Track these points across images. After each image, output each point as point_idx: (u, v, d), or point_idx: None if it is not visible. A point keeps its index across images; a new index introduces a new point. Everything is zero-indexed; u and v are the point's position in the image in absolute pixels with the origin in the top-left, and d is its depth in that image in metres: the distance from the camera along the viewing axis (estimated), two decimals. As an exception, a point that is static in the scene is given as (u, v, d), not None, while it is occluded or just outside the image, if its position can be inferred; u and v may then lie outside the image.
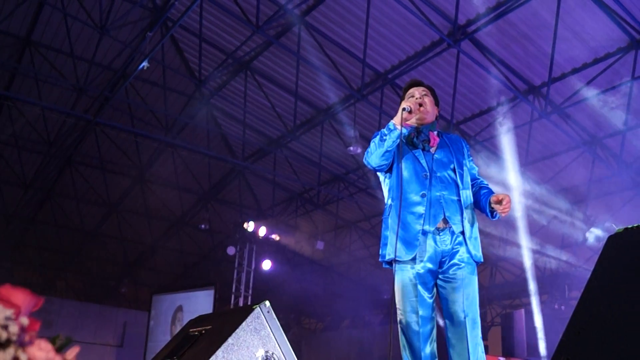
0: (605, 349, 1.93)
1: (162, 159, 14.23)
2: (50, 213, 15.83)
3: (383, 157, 3.47)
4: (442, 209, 3.38)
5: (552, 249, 12.98)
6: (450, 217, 3.38)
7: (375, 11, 9.06)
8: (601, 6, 7.87)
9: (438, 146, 3.55)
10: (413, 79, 3.84)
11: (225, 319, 3.53)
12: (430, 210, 3.38)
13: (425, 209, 3.37)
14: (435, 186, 3.41)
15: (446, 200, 3.40)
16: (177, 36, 11.35)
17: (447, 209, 3.38)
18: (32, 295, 1.26)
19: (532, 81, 9.59)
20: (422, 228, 3.35)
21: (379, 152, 3.46)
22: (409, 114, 3.45)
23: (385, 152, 3.45)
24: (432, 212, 3.37)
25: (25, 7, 10.13)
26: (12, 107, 11.92)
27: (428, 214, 3.37)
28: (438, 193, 3.40)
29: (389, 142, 3.42)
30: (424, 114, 3.58)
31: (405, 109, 3.42)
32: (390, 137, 3.42)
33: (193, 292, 15.42)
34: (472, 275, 3.36)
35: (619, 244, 2.29)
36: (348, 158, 12.40)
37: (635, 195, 11.04)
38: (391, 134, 3.42)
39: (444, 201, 3.39)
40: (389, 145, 3.43)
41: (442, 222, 3.37)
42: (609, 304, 2.09)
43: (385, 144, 3.43)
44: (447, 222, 3.36)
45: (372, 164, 3.53)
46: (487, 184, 3.63)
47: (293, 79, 10.90)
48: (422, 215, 3.36)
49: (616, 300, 2.08)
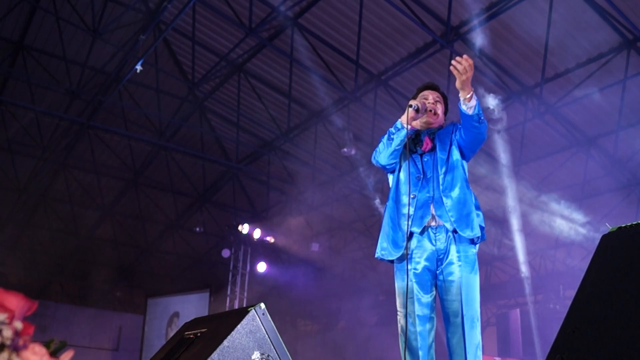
0: (600, 348, 1.93)
1: (156, 162, 14.21)
2: (44, 217, 15.78)
3: (391, 156, 3.51)
4: (428, 209, 3.40)
5: (547, 249, 13.01)
6: (440, 215, 3.39)
7: (368, 13, 9.08)
8: (594, 6, 7.90)
9: (431, 148, 3.57)
10: (430, 82, 3.85)
11: (221, 321, 3.53)
12: (418, 211, 3.41)
13: (414, 209, 3.40)
14: (426, 187, 3.44)
15: (436, 199, 3.41)
16: (170, 39, 11.34)
17: (436, 207, 3.40)
18: (26, 299, 1.26)
19: (525, 82, 9.61)
20: (411, 229, 3.39)
21: (387, 151, 3.50)
22: (416, 113, 3.45)
23: (394, 151, 3.48)
24: (419, 214, 3.41)
25: (17, 11, 10.11)
26: (5, 112, 11.88)
27: (415, 215, 3.40)
28: (428, 194, 3.42)
29: (397, 140, 3.45)
30: (432, 119, 3.60)
31: (412, 106, 3.42)
32: (398, 136, 3.44)
33: (188, 295, 15.40)
34: (470, 274, 3.36)
35: (612, 243, 2.29)
36: (342, 160, 12.40)
37: (629, 195, 11.08)
38: (398, 132, 3.45)
39: (433, 201, 3.41)
40: (396, 144, 3.46)
41: (431, 220, 3.39)
42: (603, 303, 2.10)
43: (393, 143, 3.46)
44: (439, 220, 3.38)
45: (382, 162, 3.56)
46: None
47: (286, 81, 10.90)
48: (410, 216, 3.40)
49: (610, 299, 2.09)
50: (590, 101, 9.29)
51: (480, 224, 3.43)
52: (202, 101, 12.50)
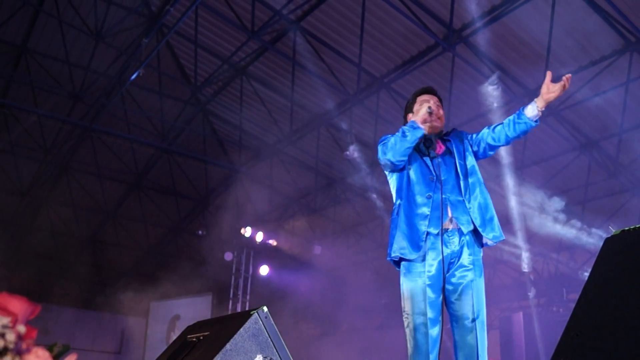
0: (603, 352, 1.93)
1: (159, 166, 14.21)
2: (47, 220, 15.79)
3: (403, 153, 3.50)
4: (446, 211, 3.43)
5: (550, 252, 12.97)
6: (457, 217, 3.42)
7: (370, 16, 9.08)
8: (596, 9, 7.89)
9: (444, 151, 3.61)
10: (428, 86, 3.88)
11: (223, 325, 3.52)
12: (435, 212, 3.42)
13: (430, 210, 3.42)
14: (441, 189, 3.46)
15: (452, 202, 3.45)
16: (172, 42, 11.35)
17: (454, 210, 3.43)
18: (29, 302, 1.26)
19: (528, 84, 9.60)
20: (427, 230, 3.40)
21: (399, 147, 3.48)
22: (429, 116, 3.53)
23: (407, 148, 3.48)
24: (436, 214, 3.41)
25: (20, 14, 10.13)
26: (8, 115, 11.90)
27: (432, 215, 3.42)
28: (444, 195, 3.45)
29: (412, 138, 3.46)
30: (438, 123, 3.66)
31: (429, 109, 3.52)
32: (414, 134, 3.46)
33: (191, 298, 15.39)
34: (479, 278, 3.41)
35: (616, 246, 2.29)
36: (344, 162, 12.39)
37: (631, 198, 11.05)
38: (415, 131, 3.47)
39: (449, 203, 3.44)
40: (411, 141, 3.47)
41: (448, 222, 3.41)
42: (606, 307, 2.09)
43: (408, 139, 3.47)
44: (455, 223, 3.40)
45: (392, 159, 3.53)
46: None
47: (289, 84, 10.90)
48: (427, 216, 3.42)
49: (613, 302, 2.08)
50: (592, 104, 9.27)
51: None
52: (205, 104, 12.51)
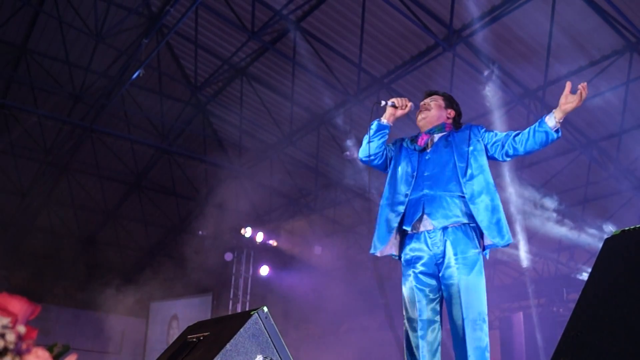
0: (603, 352, 1.93)
1: (159, 166, 14.22)
2: (47, 220, 15.79)
3: (368, 149, 3.62)
4: (421, 208, 3.40)
5: (550, 252, 12.97)
6: (430, 213, 3.37)
7: (370, 16, 9.08)
8: (596, 9, 7.89)
9: (434, 146, 3.58)
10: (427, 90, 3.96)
11: (223, 325, 3.52)
12: (410, 209, 3.44)
13: (406, 208, 3.44)
14: (420, 186, 3.45)
15: (429, 198, 3.40)
16: (172, 43, 11.35)
17: (428, 206, 3.39)
18: (29, 303, 1.26)
19: (528, 84, 9.60)
20: (398, 226, 3.46)
21: (364, 143, 3.64)
22: (395, 109, 3.63)
23: (369, 143, 3.59)
24: (411, 211, 3.43)
25: (21, 15, 10.13)
26: (8, 115, 11.90)
27: (407, 212, 3.44)
28: (423, 192, 3.42)
29: (372, 132, 3.59)
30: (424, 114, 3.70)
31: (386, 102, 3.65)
32: (371, 129, 3.60)
33: (191, 298, 15.39)
34: (469, 276, 3.28)
35: (616, 246, 2.29)
36: (345, 163, 12.40)
37: (632, 198, 11.05)
38: (375, 126, 3.61)
39: (426, 200, 3.40)
40: (371, 136, 3.58)
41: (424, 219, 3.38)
42: (606, 307, 2.09)
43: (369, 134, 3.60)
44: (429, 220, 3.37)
45: (360, 155, 3.71)
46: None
47: (289, 85, 10.91)
48: (400, 213, 3.45)
49: (614, 302, 2.08)
50: (592, 104, 9.26)
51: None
52: (205, 105, 12.51)
